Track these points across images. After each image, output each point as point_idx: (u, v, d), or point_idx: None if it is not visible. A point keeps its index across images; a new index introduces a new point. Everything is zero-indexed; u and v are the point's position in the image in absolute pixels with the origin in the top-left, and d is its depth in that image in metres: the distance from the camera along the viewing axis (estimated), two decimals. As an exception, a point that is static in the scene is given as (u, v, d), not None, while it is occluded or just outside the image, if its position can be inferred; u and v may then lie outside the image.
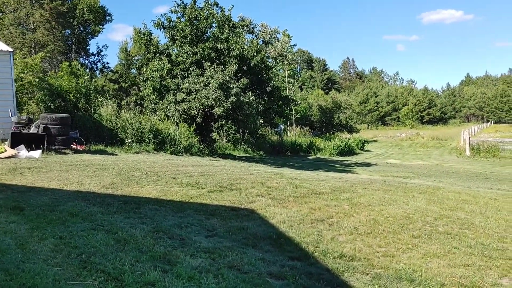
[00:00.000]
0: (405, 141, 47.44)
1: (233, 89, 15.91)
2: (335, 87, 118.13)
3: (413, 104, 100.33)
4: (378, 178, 13.54)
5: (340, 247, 5.11)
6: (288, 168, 16.40)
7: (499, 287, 4.31)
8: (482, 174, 19.07)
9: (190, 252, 4.43)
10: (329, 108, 48.21)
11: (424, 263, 4.78)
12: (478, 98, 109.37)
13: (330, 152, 31.19)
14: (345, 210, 7.04)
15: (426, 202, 8.37)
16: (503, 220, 7.24)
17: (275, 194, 7.85)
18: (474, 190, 11.45)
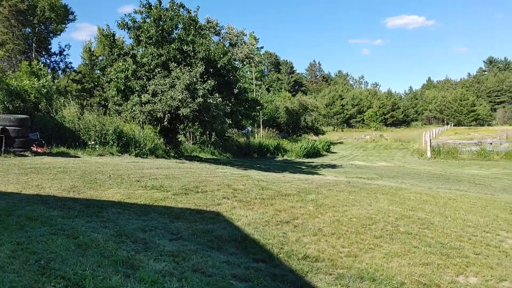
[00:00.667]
0: (370, 143, 48.49)
1: (200, 90, 15.82)
2: (302, 89, 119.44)
3: (377, 107, 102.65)
4: (343, 179, 13.77)
5: (305, 248, 5.17)
6: (255, 170, 16.45)
7: (456, 284, 4.46)
8: (442, 175, 19.70)
9: (153, 256, 4.37)
10: (296, 110, 48.65)
11: (386, 263, 4.90)
12: (439, 101, 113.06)
13: (297, 154, 31.49)
14: (310, 212, 7.12)
15: (389, 202, 8.57)
16: (461, 219, 7.50)
17: (241, 196, 7.85)
18: (434, 190, 11.82)
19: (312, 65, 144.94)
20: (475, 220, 7.49)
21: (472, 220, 7.52)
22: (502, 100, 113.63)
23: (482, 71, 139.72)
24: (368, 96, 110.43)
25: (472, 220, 7.48)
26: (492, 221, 7.59)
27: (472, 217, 7.74)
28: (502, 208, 9.01)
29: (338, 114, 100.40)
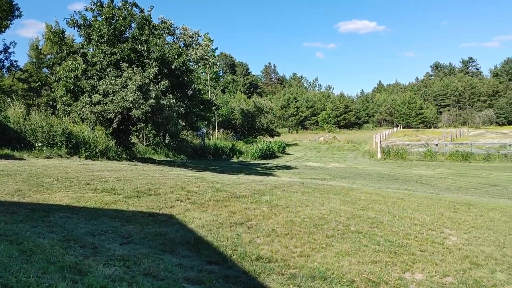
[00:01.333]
0: (323, 145, 49.46)
1: (153, 91, 15.54)
2: (257, 91, 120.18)
3: (331, 109, 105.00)
4: (297, 180, 13.96)
5: (258, 249, 5.19)
6: (210, 172, 16.36)
7: (403, 281, 4.63)
8: (392, 175, 20.39)
9: (103, 260, 4.24)
10: (251, 112, 48.86)
11: (337, 261, 5.00)
12: (389, 104, 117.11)
13: (252, 156, 31.61)
14: (264, 213, 7.16)
15: (341, 202, 8.77)
16: (408, 218, 7.79)
17: (195, 199, 7.78)
18: (384, 190, 12.21)
19: (268, 67, 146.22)
20: (421, 219, 7.80)
21: (419, 218, 7.83)
22: (447, 104, 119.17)
23: (429, 75, 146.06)
24: (322, 98, 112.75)
25: (419, 219, 7.78)
26: (437, 219, 7.93)
27: (419, 216, 8.06)
28: (447, 207, 9.44)
29: (293, 116, 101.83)
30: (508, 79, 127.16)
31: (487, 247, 6.27)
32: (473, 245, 6.32)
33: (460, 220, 8.03)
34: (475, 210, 9.28)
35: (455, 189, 15.63)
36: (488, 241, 6.60)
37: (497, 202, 11.36)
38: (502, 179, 19.55)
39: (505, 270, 5.31)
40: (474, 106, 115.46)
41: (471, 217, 8.36)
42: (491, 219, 8.39)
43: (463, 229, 7.31)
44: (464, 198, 11.90)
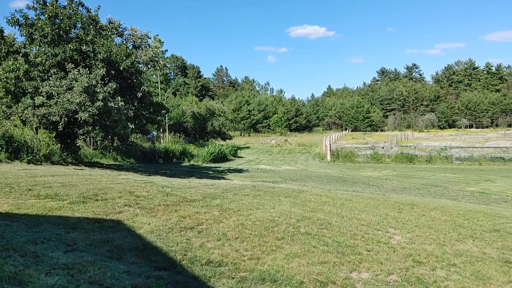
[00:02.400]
0: (275, 148, 49.93)
1: (100, 93, 15.08)
2: (209, 94, 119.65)
3: (282, 113, 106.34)
4: (248, 183, 14.00)
5: (208, 254, 5.15)
6: (160, 176, 16.08)
7: (349, 280, 4.75)
8: (341, 177, 20.92)
9: (45, 269, 4.05)
10: (203, 115, 48.54)
11: (286, 263, 5.06)
12: (338, 108, 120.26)
13: (204, 159, 31.39)
14: (215, 217, 7.12)
15: (291, 205, 8.89)
16: (356, 219, 8.01)
17: (144, 203, 7.62)
18: (333, 192, 12.49)
19: (220, 70, 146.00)
20: (368, 219, 8.05)
21: (366, 219, 8.07)
22: (393, 108, 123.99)
23: (376, 80, 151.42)
24: (273, 102, 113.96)
25: (366, 219, 8.03)
26: (382, 219, 8.21)
27: (366, 216, 8.31)
28: (392, 207, 9.79)
29: (245, 119, 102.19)
30: (448, 84, 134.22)
31: (428, 245, 6.56)
32: (416, 243, 6.60)
33: (404, 219, 8.35)
34: (418, 210, 9.68)
35: (400, 190, 16.26)
36: (429, 240, 6.90)
37: (438, 202, 11.92)
38: (443, 179, 20.57)
39: (445, 267, 5.58)
40: (417, 110, 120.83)
41: (414, 217, 8.73)
42: (432, 218, 8.79)
43: (407, 228, 7.61)
44: (408, 198, 12.40)
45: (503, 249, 6.66)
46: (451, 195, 15.05)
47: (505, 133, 70.51)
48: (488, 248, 6.66)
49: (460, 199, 14.08)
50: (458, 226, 8.15)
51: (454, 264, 5.69)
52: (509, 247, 6.80)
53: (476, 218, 9.04)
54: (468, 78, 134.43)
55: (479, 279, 5.19)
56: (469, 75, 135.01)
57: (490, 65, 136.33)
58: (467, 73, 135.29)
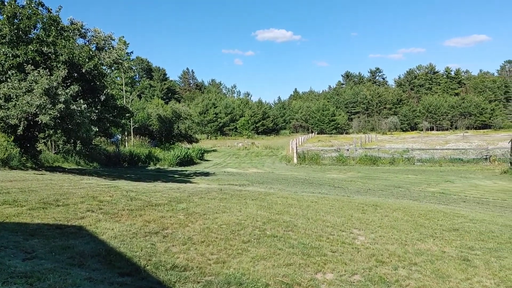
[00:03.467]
0: (242, 151, 49.95)
1: (62, 96, 14.66)
2: (175, 97, 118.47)
3: (249, 116, 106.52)
4: (215, 187, 13.94)
5: (173, 258, 5.10)
6: (125, 180, 15.78)
7: (315, 282, 4.81)
8: (307, 179, 21.15)
9: (2, 278, 3.91)
10: (169, 118, 47.98)
11: (252, 266, 5.07)
12: (304, 111, 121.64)
13: (170, 163, 31.03)
14: (180, 221, 7.05)
15: (257, 208, 8.91)
16: (321, 220, 8.12)
17: (108, 208, 7.46)
18: (299, 194, 12.61)
19: (186, 73, 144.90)
20: (333, 221, 8.17)
21: (331, 220, 8.19)
22: (357, 111, 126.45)
23: (341, 84, 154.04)
24: (240, 105, 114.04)
25: (331, 221, 8.14)
26: (347, 220, 8.36)
27: (331, 218, 8.43)
28: (356, 208, 9.98)
29: (211, 122, 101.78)
30: (410, 88, 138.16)
31: (391, 245, 6.72)
32: (379, 244, 6.75)
33: (367, 220, 8.53)
34: (381, 210, 9.91)
35: (364, 191, 16.60)
36: (392, 240, 7.08)
37: (401, 203, 12.24)
38: (405, 181, 21.14)
39: (407, 266, 5.74)
40: (381, 113, 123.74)
41: (378, 218, 8.92)
42: (395, 218, 9.02)
43: (370, 229, 7.77)
44: (372, 199, 12.67)
45: (461, 248, 6.90)
46: (413, 196, 15.48)
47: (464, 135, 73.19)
48: (448, 247, 6.88)
49: (421, 199, 14.51)
50: (420, 226, 8.39)
51: (415, 263, 5.86)
52: (467, 246, 7.05)
53: (436, 218, 9.33)
54: (429, 82, 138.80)
55: (439, 277, 5.36)
56: (430, 79, 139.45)
57: (449, 70, 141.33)
58: (428, 77, 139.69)
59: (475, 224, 9.00)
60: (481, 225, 8.94)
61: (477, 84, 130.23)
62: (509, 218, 10.71)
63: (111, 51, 18.35)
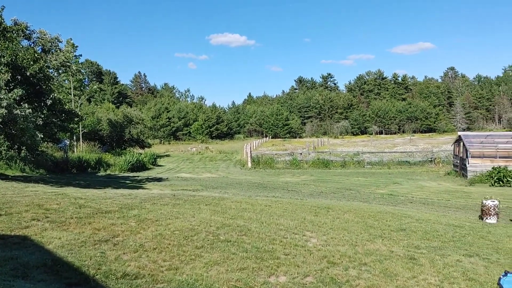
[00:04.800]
0: (196, 155, 49.53)
1: (4, 100, 13.96)
2: (126, 101, 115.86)
3: (203, 120, 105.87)
4: (168, 192, 13.74)
5: (124, 266, 4.98)
6: (73, 187, 15.24)
7: (267, 285, 4.85)
8: (261, 183, 21.28)
9: None
10: (120, 122, 46.82)
11: (206, 272, 5.04)
12: (258, 115, 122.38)
13: (121, 168, 30.26)
14: (131, 228, 6.90)
15: (211, 213, 8.87)
16: (275, 224, 8.19)
17: (55, 217, 7.17)
18: (253, 198, 12.67)
19: (138, 77, 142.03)
20: (286, 224, 8.26)
21: (284, 223, 8.28)
22: (310, 115, 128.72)
23: (294, 89, 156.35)
24: (194, 109, 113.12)
25: (284, 224, 8.24)
26: (300, 223, 8.48)
27: (284, 221, 8.53)
28: (309, 211, 10.15)
29: (164, 127, 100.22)
30: (360, 93, 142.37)
31: (342, 246, 6.89)
32: (330, 245, 6.89)
33: (320, 223, 8.69)
34: (333, 213, 10.13)
35: (317, 194, 16.92)
36: (343, 241, 7.25)
37: (352, 205, 12.57)
38: (356, 183, 21.74)
39: (357, 266, 5.90)
40: (333, 118, 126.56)
41: (330, 220, 9.12)
42: (346, 220, 9.25)
43: (322, 231, 7.93)
44: (324, 202, 12.93)
45: (408, 247, 7.18)
46: (363, 198, 15.95)
47: (411, 139, 76.32)
48: (395, 247, 7.14)
49: (371, 201, 14.97)
50: (369, 227, 8.65)
51: (365, 263, 6.03)
52: (413, 245, 7.35)
53: (385, 219, 9.65)
54: (378, 87, 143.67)
55: (387, 276, 5.55)
56: (379, 84, 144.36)
57: (397, 76, 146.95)
58: (377, 83, 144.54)
59: (421, 224, 9.39)
60: (427, 224, 9.34)
61: (422, 90, 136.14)
62: (452, 217, 11.26)
63: (58, 54, 17.70)
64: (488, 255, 6.95)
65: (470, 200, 15.53)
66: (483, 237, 8.47)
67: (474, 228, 9.38)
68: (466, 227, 9.51)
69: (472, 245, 7.67)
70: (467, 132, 44.59)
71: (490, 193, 14.46)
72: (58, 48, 18.03)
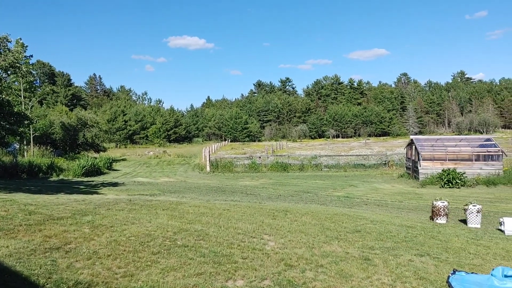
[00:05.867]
0: (153, 159, 48.68)
1: None
2: (81, 103, 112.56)
3: (161, 123, 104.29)
4: (124, 197, 13.43)
5: (77, 274, 4.82)
6: (23, 193, 14.61)
7: (225, 289, 4.83)
8: (220, 187, 21.19)
9: None
10: (74, 125, 45.36)
11: (162, 278, 4.96)
12: (217, 119, 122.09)
13: (75, 173, 29.27)
14: (85, 234, 6.69)
15: (168, 218, 8.74)
16: (233, 228, 8.18)
17: (2, 224, 6.85)
18: (211, 202, 12.59)
19: (93, 79, 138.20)
20: (244, 228, 8.27)
21: (242, 227, 8.28)
22: (269, 119, 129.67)
23: (253, 92, 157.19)
24: (151, 112, 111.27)
25: (242, 228, 8.24)
26: (258, 227, 8.51)
27: (242, 225, 8.53)
28: (267, 214, 10.20)
29: (121, 130, 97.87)
30: (317, 98, 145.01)
31: (299, 249, 6.97)
32: (288, 248, 6.96)
33: (278, 226, 8.76)
34: (291, 215, 10.23)
35: (275, 197, 17.04)
36: (300, 244, 7.33)
37: (309, 207, 12.75)
38: (314, 186, 22.07)
39: (313, 268, 5.98)
40: (291, 121, 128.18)
41: (287, 223, 9.20)
42: (304, 223, 9.36)
43: (280, 234, 7.99)
44: (282, 205, 13.04)
45: (363, 248, 7.35)
46: (321, 200, 16.22)
47: (366, 142, 78.39)
48: (351, 248, 7.30)
49: (328, 203, 15.24)
50: (326, 229, 8.80)
51: (322, 265, 6.13)
52: (368, 246, 7.54)
53: (341, 221, 9.85)
54: (335, 92, 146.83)
55: (343, 277, 5.66)
56: (335, 89, 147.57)
57: (352, 81, 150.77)
58: (334, 88, 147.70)
59: (375, 225, 9.65)
60: (381, 226, 9.61)
61: (377, 95, 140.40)
62: (405, 218, 11.64)
63: (7, 54, 16.96)
64: (438, 254, 7.23)
65: (421, 201, 16.11)
66: (433, 237, 8.81)
67: (425, 229, 9.73)
68: (417, 227, 9.85)
69: (423, 245, 7.96)
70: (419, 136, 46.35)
71: (440, 195, 15.11)
72: (6, 48, 17.29)
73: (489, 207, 14.36)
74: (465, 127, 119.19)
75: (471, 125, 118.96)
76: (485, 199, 16.75)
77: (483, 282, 5.65)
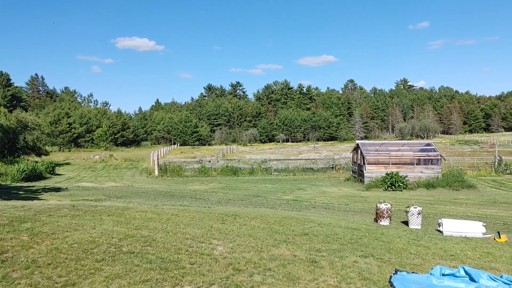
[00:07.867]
0: (99, 163, 47.16)
1: None
2: (21, 105, 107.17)
3: (107, 126, 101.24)
4: (67, 203, 12.91)
5: (13, 285, 4.58)
6: (-45, 199, 13.69)
7: (172, 295, 4.75)
8: (168, 192, 20.86)
9: None
10: (13, 128, 43.05)
11: (106, 286, 4.81)
12: (166, 122, 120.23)
13: (14, 178, 27.82)
14: (23, 242, 6.36)
15: (114, 223, 8.49)
16: (181, 233, 8.06)
17: None
18: (159, 208, 12.36)
19: (34, 79, 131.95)
20: (192, 232, 8.18)
21: (191, 232, 8.19)
22: (220, 123, 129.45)
23: (203, 96, 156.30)
24: (97, 115, 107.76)
25: (190, 233, 8.14)
26: (207, 231, 8.44)
27: (191, 230, 8.43)
28: (216, 219, 10.14)
29: (64, 133, 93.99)
30: (268, 102, 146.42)
31: (248, 253, 6.98)
32: (236, 252, 6.95)
33: (227, 230, 8.73)
34: (240, 220, 10.24)
35: (225, 201, 17.00)
36: (249, 247, 7.35)
37: (258, 211, 12.82)
38: (263, 190, 22.22)
39: (261, 272, 6.01)
40: (242, 125, 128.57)
41: (236, 227, 9.20)
42: (253, 227, 9.39)
43: (229, 238, 7.97)
44: (231, 209, 13.02)
45: (310, 251, 7.48)
46: (270, 204, 16.35)
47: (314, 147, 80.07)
48: (299, 251, 7.40)
49: (277, 207, 15.39)
50: (274, 232, 8.87)
51: (270, 269, 6.17)
52: (315, 248, 7.67)
53: (289, 224, 9.97)
54: (284, 97, 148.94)
55: (290, 280, 5.73)
56: (285, 94, 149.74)
57: (302, 86, 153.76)
58: (284, 93, 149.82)
59: (322, 228, 9.85)
60: (328, 228, 9.82)
61: (325, 100, 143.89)
62: (351, 220, 11.97)
63: None
64: (381, 255, 7.48)
65: (366, 204, 16.64)
66: (377, 238, 9.11)
67: (369, 230, 10.05)
68: (362, 229, 10.16)
69: (368, 246, 8.21)
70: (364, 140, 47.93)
71: (384, 197, 15.66)
72: None
73: (429, 209, 15.07)
74: (407, 132, 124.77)
75: (413, 130, 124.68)
76: (426, 201, 17.55)
77: (422, 281, 5.91)
